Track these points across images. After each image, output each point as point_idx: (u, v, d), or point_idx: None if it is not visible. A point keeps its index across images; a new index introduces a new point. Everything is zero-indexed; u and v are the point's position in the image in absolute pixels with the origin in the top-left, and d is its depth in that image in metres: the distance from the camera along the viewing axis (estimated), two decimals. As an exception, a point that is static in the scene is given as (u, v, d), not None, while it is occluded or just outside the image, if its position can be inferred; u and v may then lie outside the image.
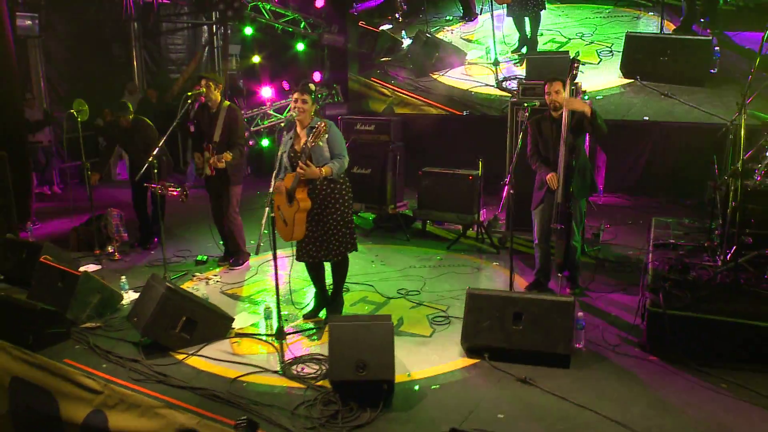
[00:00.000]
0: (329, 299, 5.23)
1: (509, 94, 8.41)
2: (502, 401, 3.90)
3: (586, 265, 6.07)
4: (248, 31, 9.97)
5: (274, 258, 4.65)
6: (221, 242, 6.75)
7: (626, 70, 8.64)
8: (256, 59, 10.35)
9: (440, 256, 6.73)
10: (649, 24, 8.69)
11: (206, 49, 12.67)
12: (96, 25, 11.18)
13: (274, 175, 4.83)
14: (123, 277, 5.93)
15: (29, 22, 9.40)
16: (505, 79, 9.24)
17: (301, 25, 10.08)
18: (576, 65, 4.99)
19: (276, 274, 4.70)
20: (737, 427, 3.61)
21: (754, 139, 5.16)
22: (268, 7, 9.77)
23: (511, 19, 9.32)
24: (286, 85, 10.13)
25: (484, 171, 7.10)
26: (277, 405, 3.89)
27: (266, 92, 9.81)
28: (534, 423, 3.66)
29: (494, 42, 9.44)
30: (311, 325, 5.08)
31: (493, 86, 9.41)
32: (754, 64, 4.78)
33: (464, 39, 9.70)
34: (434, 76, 9.78)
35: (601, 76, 8.81)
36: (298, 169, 4.58)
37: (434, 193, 7.35)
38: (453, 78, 9.73)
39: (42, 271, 5.68)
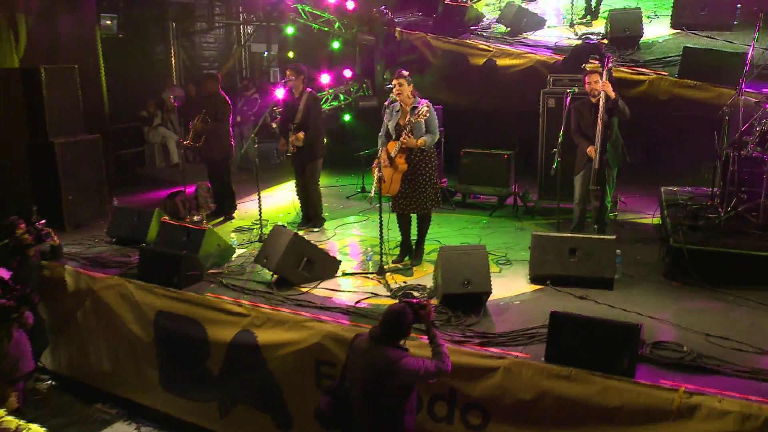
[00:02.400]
0: (413, 248, 6.63)
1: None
2: (568, 310, 5.31)
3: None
4: (290, 30, 11.30)
5: (380, 211, 6.05)
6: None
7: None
8: (290, 55, 11.68)
9: (485, 220, 8.18)
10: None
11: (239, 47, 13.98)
12: (142, 24, 12.44)
13: (380, 141, 6.25)
14: (233, 234, 7.26)
15: (109, 22, 10.64)
16: (584, 34, 10.41)
17: (336, 26, 11.45)
18: (610, 59, 6.49)
19: (380, 224, 6.09)
20: (741, 321, 5.09)
21: (747, 116, 6.66)
22: (307, 9, 11.11)
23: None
24: (347, 74, 11.46)
25: (519, 150, 8.57)
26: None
27: (325, 79, 11.09)
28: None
29: (572, 5, 10.93)
30: (401, 266, 6.48)
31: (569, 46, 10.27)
32: (749, 53, 6.30)
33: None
34: (524, 36, 10.94)
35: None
36: (402, 138, 5.98)
37: (474, 169, 8.81)
38: (540, 36, 10.97)
39: (165, 230, 7.01)
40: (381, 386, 4.05)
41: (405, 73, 6.23)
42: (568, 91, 6.81)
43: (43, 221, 7.12)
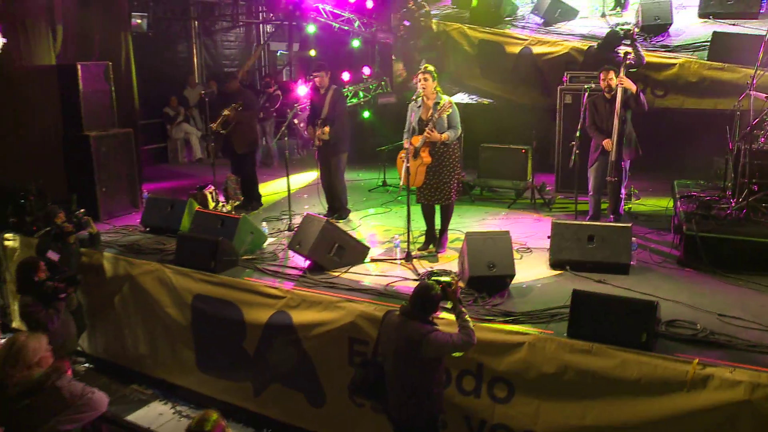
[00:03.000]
0: (437, 237, 7.00)
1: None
2: (587, 292, 5.67)
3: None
4: (311, 29, 11.69)
5: (408, 201, 6.42)
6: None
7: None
8: (312, 53, 12.07)
9: (504, 212, 8.54)
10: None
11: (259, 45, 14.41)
12: (165, 23, 12.86)
13: (405, 135, 6.62)
14: (264, 223, 7.64)
15: (139, 21, 11.05)
16: (616, 23, 10.69)
17: (356, 24, 11.82)
18: (628, 56, 6.84)
19: (408, 212, 6.46)
20: (751, 303, 5.42)
21: (757, 111, 6.99)
22: (327, 8, 11.49)
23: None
24: (366, 71, 11.84)
25: (536, 145, 8.93)
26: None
27: (345, 76, 11.48)
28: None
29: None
30: (426, 254, 6.84)
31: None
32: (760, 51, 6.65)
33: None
34: (558, 26, 11.33)
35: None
36: (426, 133, 6.34)
37: (492, 164, 9.17)
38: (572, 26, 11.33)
39: (199, 218, 7.39)
40: (412, 359, 4.38)
41: (430, 68, 6.59)
42: (585, 87, 7.17)
43: (82, 210, 7.51)
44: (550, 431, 4.95)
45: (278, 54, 16.88)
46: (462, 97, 11.49)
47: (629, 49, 7.38)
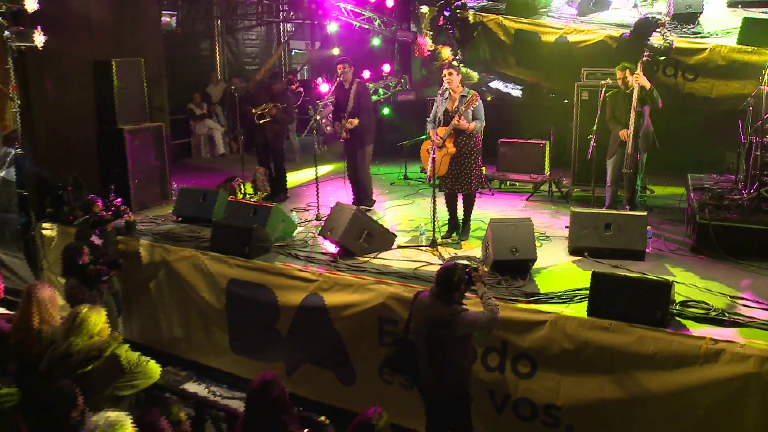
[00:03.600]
0: (459, 225, 7.37)
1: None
2: (605, 276, 6.02)
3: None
4: (333, 27, 12.09)
5: (433, 189, 6.79)
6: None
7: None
8: (335, 51, 12.47)
9: (522, 204, 8.90)
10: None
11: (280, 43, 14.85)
12: (189, 21, 13.29)
13: (428, 126, 7.00)
14: (293, 212, 8.03)
15: (169, 19, 11.47)
16: (647, 13, 11.16)
17: (376, 23, 12.20)
18: (646, 53, 7.20)
19: (434, 200, 6.83)
20: (761, 287, 5.75)
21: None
22: (349, 7, 11.88)
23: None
24: (386, 68, 12.23)
25: (553, 140, 9.29)
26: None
27: (365, 74, 11.86)
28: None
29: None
30: (450, 241, 7.21)
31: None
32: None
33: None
34: (591, 16, 11.80)
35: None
36: (454, 121, 6.71)
37: (510, 158, 9.53)
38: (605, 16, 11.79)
39: (232, 207, 7.79)
40: (444, 336, 4.72)
41: (455, 63, 6.96)
42: (602, 83, 7.53)
43: (120, 199, 7.91)
44: (570, 404, 5.31)
45: (293, 53, 17.28)
46: (497, 84, 12.10)
47: (659, 38, 7.68)
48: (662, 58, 8.75)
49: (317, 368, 6.61)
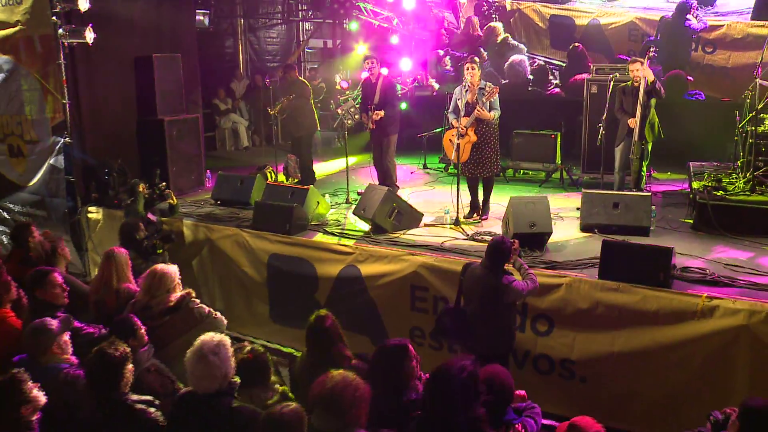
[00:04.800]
0: (479, 206, 8.16)
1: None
2: (614, 248, 6.81)
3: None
4: (353, 26, 12.91)
5: (458, 172, 7.59)
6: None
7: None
8: (361, 49, 13.29)
9: (536, 191, 9.69)
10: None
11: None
12: (214, 19, 14.13)
13: (451, 118, 7.79)
14: (327, 193, 8.84)
15: (201, 18, 12.29)
16: None
17: (394, 22, 13.02)
18: (652, 49, 7.99)
19: (458, 183, 7.63)
20: (754, 257, 6.55)
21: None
22: (369, 7, 12.70)
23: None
24: (404, 65, 13.06)
25: (564, 131, 10.09)
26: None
27: (384, 71, 12.66)
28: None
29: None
30: (471, 220, 8.01)
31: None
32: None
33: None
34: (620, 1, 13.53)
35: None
36: (477, 109, 7.50)
37: (523, 148, 10.33)
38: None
39: (270, 190, 8.58)
40: (496, 303, 5.36)
41: (477, 59, 7.76)
42: (611, 77, 8.34)
43: (164, 183, 8.71)
44: (584, 358, 6.09)
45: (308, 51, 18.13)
46: (535, 57, 13.39)
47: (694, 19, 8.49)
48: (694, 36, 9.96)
49: (353, 333, 7.24)
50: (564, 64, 12.79)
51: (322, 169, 11.51)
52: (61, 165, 9.63)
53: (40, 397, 3.84)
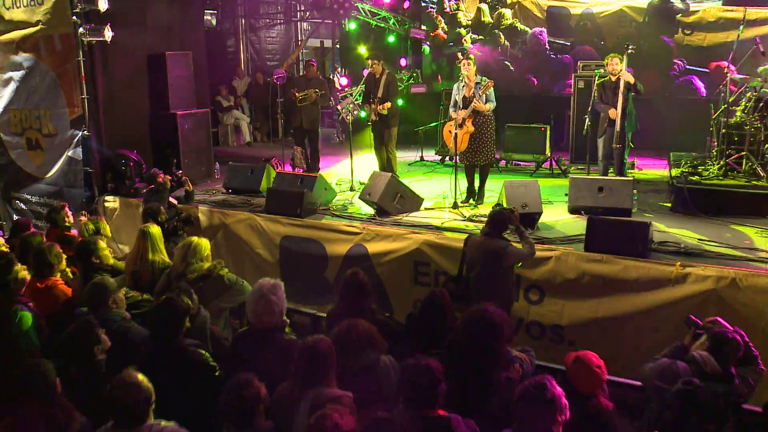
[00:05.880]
0: (476, 192, 8.93)
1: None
2: (598, 227, 7.59)
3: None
4: (352, 26, 13.67)
5: (455, 160, 8.36)
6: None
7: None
8: (361, 49, 14.06)
9: (527, 179, 10.46)
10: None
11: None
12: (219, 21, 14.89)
13: (451, 111, 8.56)
14: (332, 181, 9.58)
15: (209, 17, 13.02)
16: None
17: (391, 22, 13.79)
18: (629, 47, 8.79)
19: (455, 169, 8.39)
20: (725, 233, 7.34)
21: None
22: (366, 8, 13.46)
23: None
24: (402, 63, 13.83)
25: (553, 125, 10.90)
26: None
27: (387, 67, 13.44)
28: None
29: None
30: (468, 204, 8.78)
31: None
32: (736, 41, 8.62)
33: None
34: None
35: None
36: (474, 102, 8.26)
37: (515, 140, 11.13)
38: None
39: (281, 178, 9.31)
40: (496, 267, 6.05)
41: (472, 55, 8.55)
42: (596, 72, 9.14)
43: (180, 171, 9.42)
44: (572, 323, 6.83)
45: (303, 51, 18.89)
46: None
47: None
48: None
49: (359, 308, 8.10)
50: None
51: (325, 162, 12.24)
52: (80, 157, 10.34)
53: (107, 340, 4.57)
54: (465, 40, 13.69)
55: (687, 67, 13.25)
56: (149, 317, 4.79)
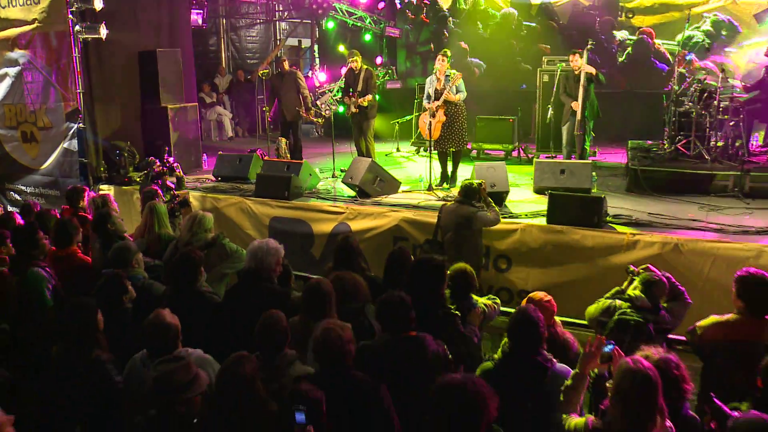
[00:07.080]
0: (449, 176, 9.81)
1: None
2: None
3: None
4: (330, 25, 14.51)
5: (430, 146, 9.23)
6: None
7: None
8: (341, 48, 14.90)
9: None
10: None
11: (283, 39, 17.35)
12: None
13: (425, 102, 9.42)
14: (316, 169, 10.40)
15: (195, 17, 13.75)
16: None
17: (367, 21, 14.65)
18: (588, 43, 9.73)
19: (430, 154, 9.26)
20: (672, 209, 8.28)
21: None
22: (344, 8, 14.31)
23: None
24: (378, 60, 14.68)
25: (520, 116, 11.84)
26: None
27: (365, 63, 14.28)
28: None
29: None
30: (442, 187, 9.66)
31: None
32: (680, 42, 9.60)
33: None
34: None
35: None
36: (445, 94, 9.13)
37: (485, 131, 12.04)
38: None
39: (268, 165, 10.11)
40: (468, 229, 6.89)
41: (448, 53, 9.44)
42: (557, 65, 10.08)
43: (172, 158, 10.17)
44: (537, 288, 7.59)
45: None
46: None
47: None
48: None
49: (344, 282, 8.92)
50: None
51: (305, 155, 13.04)
52: (75, 148, 11.01)
53: (133, 291, 5.35)
54: (449, 20, 14.69)
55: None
56: (171, 268, 5.55)
